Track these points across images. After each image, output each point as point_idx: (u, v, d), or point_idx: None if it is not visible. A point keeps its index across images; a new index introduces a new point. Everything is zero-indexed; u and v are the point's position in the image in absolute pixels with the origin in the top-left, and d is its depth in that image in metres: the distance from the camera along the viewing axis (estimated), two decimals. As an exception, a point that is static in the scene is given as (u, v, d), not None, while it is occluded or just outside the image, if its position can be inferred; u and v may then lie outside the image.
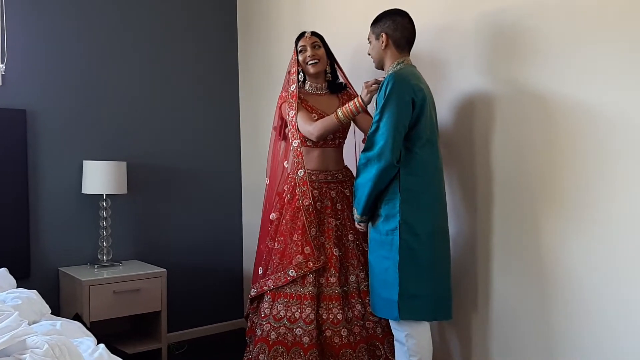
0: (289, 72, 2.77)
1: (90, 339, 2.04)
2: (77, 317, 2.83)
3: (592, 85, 2.03)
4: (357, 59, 2.94)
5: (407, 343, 2.30)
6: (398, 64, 2.33)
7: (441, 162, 2.34)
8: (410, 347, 2.29)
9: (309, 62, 2.70)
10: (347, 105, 2.50)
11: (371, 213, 2.35)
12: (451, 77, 2.53)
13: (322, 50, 2.73)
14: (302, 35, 2.74)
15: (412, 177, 2.23)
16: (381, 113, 2.20)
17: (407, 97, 2.17)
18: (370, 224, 2.40)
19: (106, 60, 3.39)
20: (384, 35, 2.34)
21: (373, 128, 2.23)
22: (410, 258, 2.22)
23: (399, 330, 2.32)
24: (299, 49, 2.72)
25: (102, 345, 1.96)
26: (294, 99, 2.67)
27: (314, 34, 2.74)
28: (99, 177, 3.13)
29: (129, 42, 3.47)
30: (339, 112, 2.51)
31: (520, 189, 2.28)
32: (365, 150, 2.27)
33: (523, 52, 2.25)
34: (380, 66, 2.43)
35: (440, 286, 2.28)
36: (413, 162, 2.22)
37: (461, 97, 2.49)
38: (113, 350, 2.26)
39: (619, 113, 1.95)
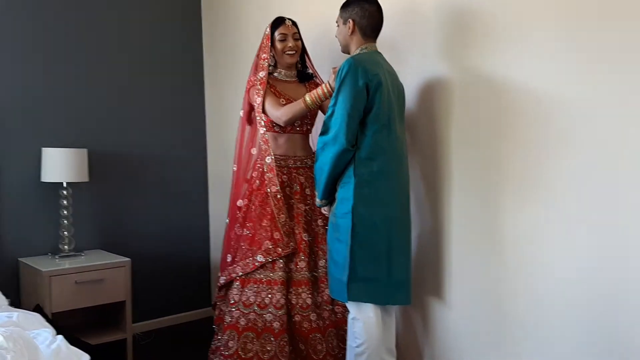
0: (258, 56, 2.74)
1: (49, 331, 1.99)
2: (38, 309, 2.76)
3: (543, 71, 2.08)
4: (322, 43, 2.93)
5: (353, 326, 2.32)
6: (362, 49, 2.34)
7: (403, 147, 2.36)
8: (355, 331, 2.31)
9: (288, 52, 2.68)
10: (315, 90, 2.50)
11: (330, 196, 2.36)
12: (412, 63, 2.55)
13: (300, 42, 2.71)
14: (281, 21, 2.70)
15: (367, 162, 2.24)
16: (336, 98, 2.23)
17: (361, 82, 2.18)
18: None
19: (66, 45, 3.29)
20: (351, 22, 2.34)
21: (329, 112, 2.25)
22: (362, 242, 2.24)
23: (349, 312, 2.34)
24: (279, 36, 2.68)
25: (60, 337, 1.92)
26: (261, 85, 2.65)
27: (294, 23, 2.71)
28: (59, 165, 3.04)
29: (90, 26, 3.37)
30: (307, 97, 2.50)
31: (479, 172, 2.33)
32: (321, 134, 2.28)
33: (479, 37, 2.29)
34: (346, 50, 2.44)
35: (397, 271, 2.29)
36: (369, 147, 2.23)
37: (422, 82, 2.52)
38: (75, 341, 2.22)
39: (569, 98, 2.01)
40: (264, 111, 2.63)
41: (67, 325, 3.09)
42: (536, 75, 2.11)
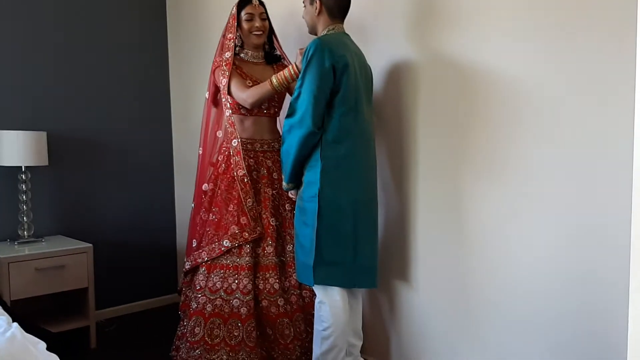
0: (224, 36, 2.67)
1: (4, 318, 1.93)
2: (-4, 296, 2.67)
3: (510, 53, 2.09)
4: (289, 23, 2.88)
5: (320, 310, 2.32)
6: (329, 30, 2.31)
7: (370, 130, 2.35)
8: (322, 315, 2.31)
9: (255, 33, 2.62)
10: (281, 72, 2.45)
11: (297, 180, 2.34)
12: (380, 45, 2.53)
13: (267, 22, 2.66)
14: (248, 1, 2.63)
15: (334, 145, 2.22)
16: (302, 79, 2.19)
17: (328, 63, 2.15)
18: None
19: (26, 24, 3.16)
20: (317, 2, 2.31)
21: (295, 94, 2.22)
22: (329, 226, 2.22)
23: (316, 296, 2.34)
24: (245, 16, 2.61)
25: (15, 324, 1.85)
26: (227, 66, 2.59)
27: (261, 3, 2.65)
28: (17, 148, 2.93)
29: (49, 6, 3.24)
30: (274, 79, 2.45)
31: (445, 155, 2.33)
32: (288, 116, 2.25)
33: (446, 20, 2.28)
34: (313, 32, 2.40)
35: (363, 255, 2.29)
36: (335, 130, 2.21)
37: (389, 64, 2.51)
38: (34, 328, 2.15)
39: (536, 80, 2.02)
40: (229, 93, 2.58)
41: (28, 313, 3.02)
42: (503, 57, 2.11)
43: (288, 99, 2.75)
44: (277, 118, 2.76)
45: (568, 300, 1.98)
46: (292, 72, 2.41)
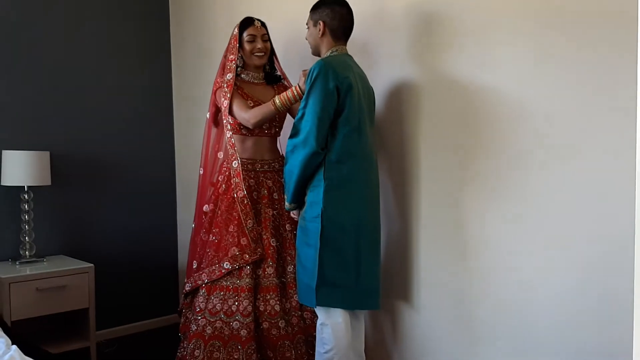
0: (225, 57, 2.69)
1: (3, 340, 1.92)
2: (-4, 317, 2.66)
3: (510, 74, 2.09)
4: (291, 44, 2.90)
5: (322, 332, 2.29)
6: (332, 52, 2.33)
7: (373, 151, 2.35)
8: (324, 337, 2.28)
9: (256, 54, 2.64)
10: (284, 93, 2.46)
11: (300, 200, 2.33)
12: (382, 66, 2.54)
13: (269, 44, 2.67)
14: (250, 22, 2.65)
15: (338, 165, 2.22)
16: (306, 100, 2.20)
17: (332, 85, 2.16)
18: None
19: (29, 43, 3.19)
20: (321, 24, 2.32)
21: (299, 115, 2.23)
22: (331, 246, 2.21)
23: (318, 318, 2.32)
24: (247, 37, 2.63)
25: (14, 347, 1.84)
26: (228, 87, 2.60)
27: (263, 24, 2.67)
28: (20, 168, 2.94)
29: (54, 25, 3.27)
30: (277, 99, 2.46)
31: (447, 175, 2.32)
32: (291, 136, 2.26)
33: (447, 41, 2.29)
34: (316, 53, 2.42)
35: (366, 276, 2.27)
36: (339, 150, 2.21)
37: (391, 85, 2.51)
38: (35, 350, 2.14)
39: (535, 100, 2.02)
40: (230, 113, 2.58)
41: (28, 333, 3.00)
42: (503, 78, 2.11)
43: (289, 119, 2.76)
44: (278, 138, 2.77)
45: (576, 323, 1.95)
46: (295, 94, 2.41)
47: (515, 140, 2.09)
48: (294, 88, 2.43)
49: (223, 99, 2.59)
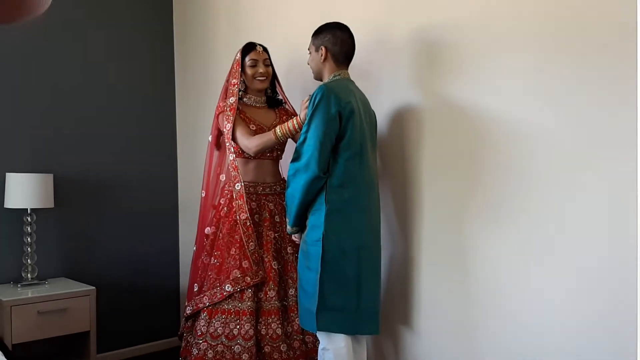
0: (228, 81, 2.72)
1: (5, 364, 1.91)
2: (-3, 340, 2.65)
3: (513, 100, 2.11)
4: (294, 69, 2.93)
5: (323, 357, 2.28)
6: (335, 76, 2.35)
7: (374, 175, 2.36)
8: None
9: (258, 78, 2.67)
10: (286, 124, 2.48)
11: (302, 223, 2.34)
12: (384, 91, 2.56)
13: (270, 68, 2.71)
14: (252, 47, 2.69)
15: (339, 189, 2.23)
16: (308, 125, 2.22)
17: (334, 110, 2.18)
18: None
19: (33, 67, 3.23)
20: (323, 49, 2.35)
21: (301, 139, 2.24)
22: (332, 270, 2.21)
23: (320, 343, 2.31)
24: (249, 62, 2.66)
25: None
26: (231, 111, 2.62)
27: (265, 49, 2.70)
28: (23, 191, 2.95)
29: (58, 49, 3.32)
30: (278, 130, 2.48)
31: (449, 200, 2.33)
32: (293, 160, 2.27)
33: (450, 67, 2.31)
34: (318, 77, 2.44)
35: (366, 301, 2.26)
36: (340, 174, 2.23)
37: (394, 110, 2.53)
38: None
39: (533, 123, 2.04)
40: (233, 138, 2.60)
41: (29, 356, 2.98)
42: (506, 104, 2.13)
43: (290, 143, 2.78)
44: (279, 161, 2.78)
45: (582, 349, 1.93)
46: (296, 125, 2.43)
47: (517, 163, 2.10)
48: (294, 120, 2.44)
49: (226, 122, 2.62)
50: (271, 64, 2.73)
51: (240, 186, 2.59)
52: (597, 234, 1.89)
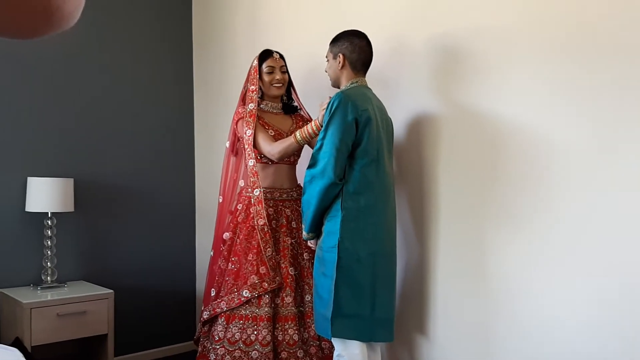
0: (246, 88, 2.75)
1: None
2: (17, 342, 2.69)
3: (530, 108, 2.11)
4: (311, 76, 2.95)
5: None
6: (352, 84, 2.36)
7: (391, 182, 2.36)
8: None
9: (275, 85, 2.69)
10: (304, 128, 2.50)
11: (318, 230, 2.35)
12: (402, 98, 2.57)
13: (287, 75, 2.73)
14: (269, 54, 2.72)
15: (355, 196, 2.24)
16: (325, 131, 2.23)
17: (350, 117, 2.19)
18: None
19: (55, 73, 3.28)
20: (341, 56, 2.37)
21: (317, 146, 2.26)
22: (347, 277, 2.21)
23: (335, 349, 2.31)
24: (266, 69, 2.69)
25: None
26: (252, 117, 2.65)
27: (281, 56, 2.73)
28: (44, 195, 3.00)
29: (79, 54, 3.37)
30: (297, 134, 2.50)
31: (466, 207, 2.33)
32: (309, 167, 2.28)
33: (468, 74, 2.32)
34: (336, 85, 2.45)
35: (381, 308, 2.27)
36: (357, 181, 2.23)
37: (411, 117, 2.54)
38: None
39: (550, 130, 2.04)
40: (255, 144, 2.63)
41: (47, 358, 3.02)
42: (523, 112, 2.13)
43: (307, 148, 2.79)
44: (296, 166, 2.80)
45: (595, 354, 1.92)
46: (315, 128, 2.45)
47: (535, 170, 2.09)
48: (313, 123, 2.46)
49: (246, 128, 2.64)
50: (287, 71, 2.75)
51: (259, 192, 2.61)
52: (615, 240, 1.88)
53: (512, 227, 2.17)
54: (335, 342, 2.28)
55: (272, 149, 2.57)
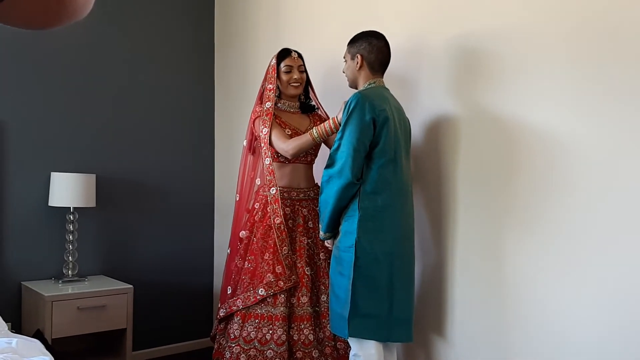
0: (263, 86, 2.76)
1: (47, 359, 1.98)
2: (38, 334, 2.74)
3: (550, 110, 2.08)
4: (330, 77, 2.95)
5: None
6: (370, 84, 2.36)
7: (408, 182, 2.35)
8: None
9: (293, 84, 2.70)
10: (322, 125, 2.50)
11: (335, 230, 2.35)
12: (420, 99, 2.56)
13: (305, 74, 2.74)
14: (287, 53, 2.72)
15: (372, 196, 2.23)
16: (343, 131, 2.24)
17: (368, 117, 2.19)
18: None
19: (78, 72, 3.34)
20: (359, 57, 2.36)
21: (335, 146, 2.26)
22: (365, 277, 2.21)
23: (351, 349, 2.31)
24: (284, 68, 2.70)
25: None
26: (268, 116, 2.66)
27: (299, 55, 2.74)
28: (67, 190, 3.06)
29: (102, 55, 3.42)
30: (314, 131, 2.50)
31: (483, 209, 2.31)
32: (327, 167, 2.29)
33: (484, 75, 2.30)
34: (354, 85, 2.45)
35: (398, 308, 2.26)
36: (374, 181, 2.23)
37: (429, 118, 2.52)
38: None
39: (570, 133, 2.01)
40: (270, 143, 2.64)
41: (67, 351, 3.08)
42: (543, 115, 2.10)
43: (324, 148, 2.80)
44: (313, 166, 2.81)
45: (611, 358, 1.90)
46: (333, 126, 2.45)
47: (554, 173, 2.06)
48: (331, 120, 2.46)
49: (262, 127, 2.65)
50: (305, 71, 2.75)
51: (275, 190, 2.62)
52: (636, 246, 1.84)
53: (530, 229, 2.15)
54: (352, 341, 2.29)
55: (287, 145, 2.58)
